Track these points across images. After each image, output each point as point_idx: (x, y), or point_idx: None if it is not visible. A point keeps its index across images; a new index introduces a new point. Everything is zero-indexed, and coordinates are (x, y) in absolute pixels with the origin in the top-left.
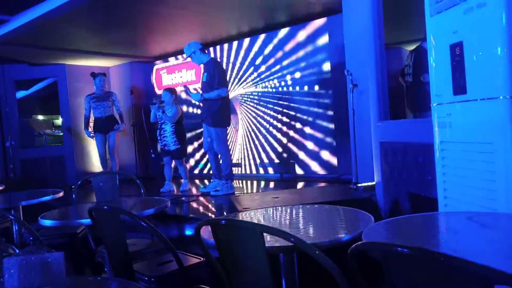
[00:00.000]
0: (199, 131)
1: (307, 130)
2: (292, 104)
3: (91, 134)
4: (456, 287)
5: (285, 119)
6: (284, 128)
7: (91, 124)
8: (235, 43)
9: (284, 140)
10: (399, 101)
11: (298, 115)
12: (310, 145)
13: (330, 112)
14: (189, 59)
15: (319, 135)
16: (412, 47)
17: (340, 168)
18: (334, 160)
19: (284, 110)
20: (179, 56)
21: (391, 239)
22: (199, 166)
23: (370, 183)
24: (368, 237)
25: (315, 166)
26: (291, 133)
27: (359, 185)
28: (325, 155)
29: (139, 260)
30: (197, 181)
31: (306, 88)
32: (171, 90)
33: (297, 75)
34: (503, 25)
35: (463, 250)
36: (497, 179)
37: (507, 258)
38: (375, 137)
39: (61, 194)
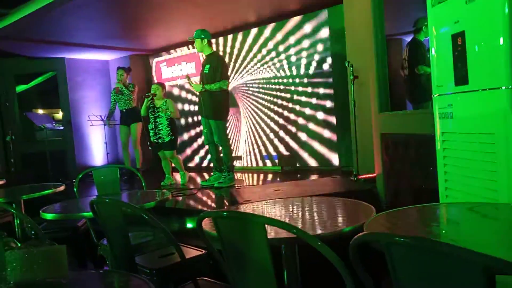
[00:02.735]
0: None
1: (308, 122)
2: (292, 97)
3: (110, 123)
4: (458, 277)
5: (285, 112)
6: (285, 121)
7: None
8: (234, 35)
9: (285, 132)
10: (400, 93)
11: (299, 107)
12: (311, 137)
13: (331, 104)
14: (193, 50)
15: (319, 127)
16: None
17: (341, 160)
18: (335, 152)
19: (285, 103)
20: (174, 50)
21: (392, 230)
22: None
23: (371, 175)
24: (369, 228)
25: (316, 158)
26: (292, 125)
27: (360, 177)
28: (326, 147)
29: (141, 253)
30: (203, 174)
31: (306, 80)
32: (161, 85)
33: (297, 67)
34: (506, 14)
35: (464, 240)
36: (499, 170)
37: (508, 248)
38: (376, 129)
39: (62, 187)
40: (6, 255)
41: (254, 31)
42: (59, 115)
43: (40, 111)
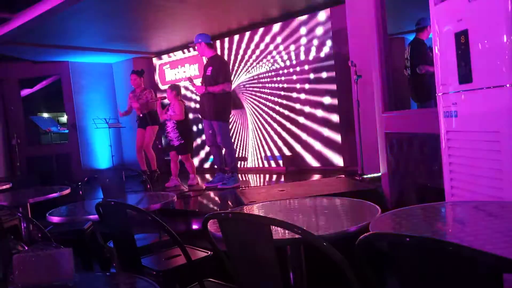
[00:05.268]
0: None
1: (312, 122)
2: (296, 98)
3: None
4: (464, 276)
5: (290, 112)
6: (289, 121)
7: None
8: (238, 36)
9: (290, 133)
10: (405, 92)
11: (303, 108)
12: (315, 137)
13: (335, 104)
14: (194, 52)
15: (324, 127)
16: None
17: (345, 159)
18: (339, 152)
19: (289, 104)
20: (177, 52)
21: (398, 230)
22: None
23: (376, 174)
24: (375, 228)
25: (320, 158)
26: (297, 126)
27: (365, 176)
28: (330, 146)
29: (147, 255)
30: (207, 175)
31: (310, 80)
32: (170, 86)
33: (300, 67)
34: (509, 12)
35: (470, 239)
36: (504, 168)
37: None
38: (380, 128)
39: (68, 191)
40: (13, 259)
41: (256, 32)
42: (64, 118)
43: (45, 115)
